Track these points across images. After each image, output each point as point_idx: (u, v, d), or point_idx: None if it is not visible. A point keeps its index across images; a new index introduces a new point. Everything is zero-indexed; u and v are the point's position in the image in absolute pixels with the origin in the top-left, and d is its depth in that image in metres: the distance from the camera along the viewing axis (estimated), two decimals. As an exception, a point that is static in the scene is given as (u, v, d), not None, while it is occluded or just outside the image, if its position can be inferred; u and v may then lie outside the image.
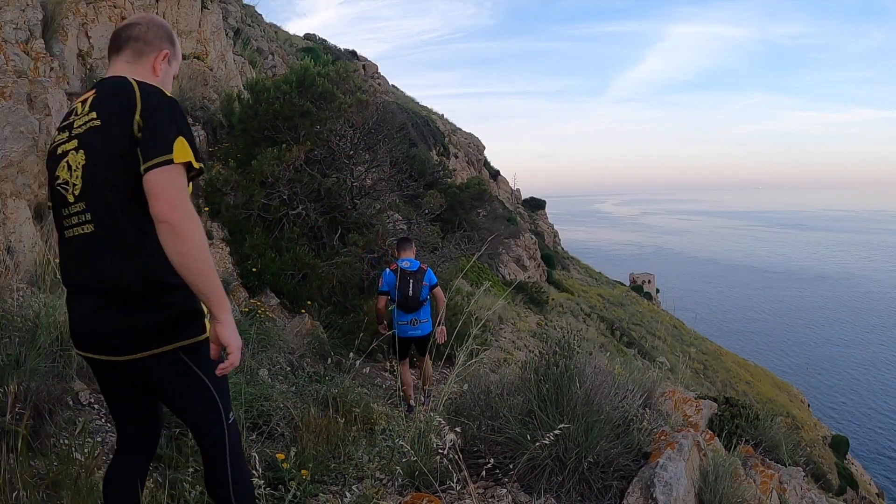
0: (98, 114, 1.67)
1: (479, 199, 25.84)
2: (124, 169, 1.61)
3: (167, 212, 1.53)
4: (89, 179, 1.65)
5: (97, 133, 1.65)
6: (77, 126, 1.70)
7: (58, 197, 1.73)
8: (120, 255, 1.63)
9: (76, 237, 1.69)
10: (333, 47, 34.83)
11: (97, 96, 1.73)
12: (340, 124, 8.21)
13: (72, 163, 1.68)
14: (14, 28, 5.50)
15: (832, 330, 61.24)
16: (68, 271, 1.76)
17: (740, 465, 3.32)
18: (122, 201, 1.63)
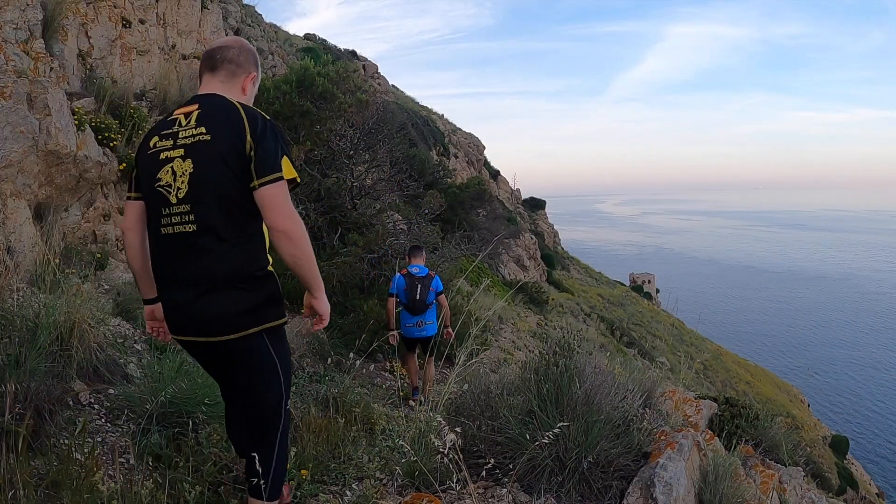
0: (207, 129, 1.91)
1: (479, 199, 25.84)
2: (231, 179, 1.87)
3: (282, 222, 1.83)
4: (195, 185, 1.89)
5: (206, 146, 1.89)
6: (183, 137, 1.94)
7: (157, 197, 1.94)
8: (217, 251, 1.88)
9: (176, 234, 1.92)
10: (333, 47, 34.83)
11: (202, 112, 1.96)
12: (340, 124, 8.21)
13: (177, 169, 1.92)
14: (14, 28, 5.50)
15: (832, 330, 61.24)
16: (165, 265, 1.98)
17: (740, 465, 3.32)
18: (225, 206, 1.88)
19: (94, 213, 5.60)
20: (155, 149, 1.98)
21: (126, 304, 4.65)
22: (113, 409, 3.07)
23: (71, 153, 4.85)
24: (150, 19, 7.92)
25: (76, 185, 5.21)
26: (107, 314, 3.96)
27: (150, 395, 2.97)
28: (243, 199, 1.88)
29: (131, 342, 4.13)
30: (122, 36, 7.31)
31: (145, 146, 2.03)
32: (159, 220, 1.95)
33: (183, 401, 2.98)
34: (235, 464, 2.74)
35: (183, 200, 1.90)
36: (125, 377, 3.44)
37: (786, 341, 56.21)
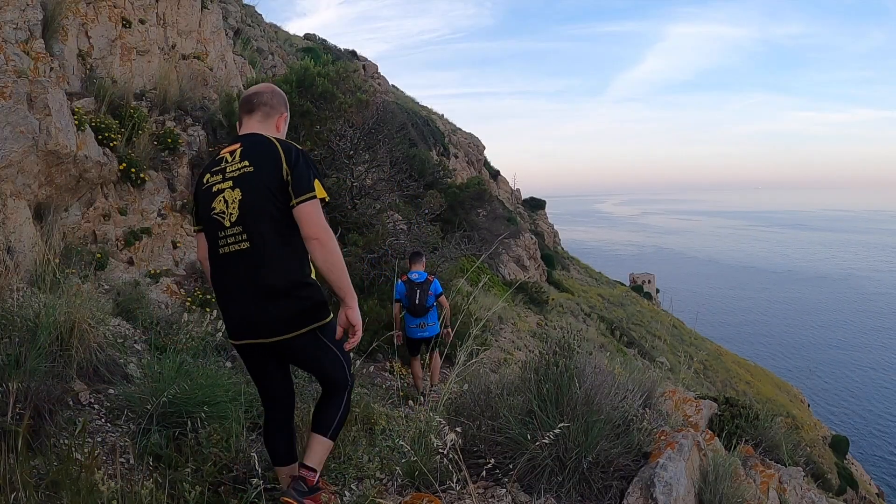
0: (250, 162, 2.27)
1: (479, 199, 25.84)
2: (273, 202, 2.21)
3: (316, 232, 2.17)
4: (245, 210, 2.24)
5: (251, 176, 2.25)
6: (230, 171, 2.30)
7: (214, 223, 2.31)
8: (270, 264, 2.21)
9: (233, 253, 2.27)
10: (333, 47, 34.83)
11: (244, 149, 2.33)
12: (340, 124, 8.21)
13: (227, 198, 2.27)
14: (14, 28, 5.50)
15: (832, 330, 61.24)
16: (224, 278, 2.32)
17: (740, 465, 3.32)
18: (271, 225, 2.22)
19: (94, 213, 5.60)
20: (208, 184, 2.37)
21: (126, 304, 4.65)
22: (113, 409, 3.07)
23: (71, 153, 4.85)
24: (150, 19, 7.92)
25: (76, 185, 5.21)
26: (107, 314, 3.97)
27: (150, 395, 2.97)
28: (285, 217, 2.22)
29: (131, 342, 4.13)
30: (122, 36, 7.31)
31: (200, 183, 2.42)
32: (217, 243, 2.32)
33: (183, 401, 2.98)
34: (235, 464, 2.74)
35: (235, 223, 2.25)
36: (125, 377, 3.44)
37: (786, 341, 56.20)
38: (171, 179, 6.77)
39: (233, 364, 4.35)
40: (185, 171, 7.01)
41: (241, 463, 2.73)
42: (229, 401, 3.16)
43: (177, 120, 7.45)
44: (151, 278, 5.68)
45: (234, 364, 4.37)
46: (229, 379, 3.57)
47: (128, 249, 5.84)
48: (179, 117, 7.53)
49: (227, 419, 2.96)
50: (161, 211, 6.41)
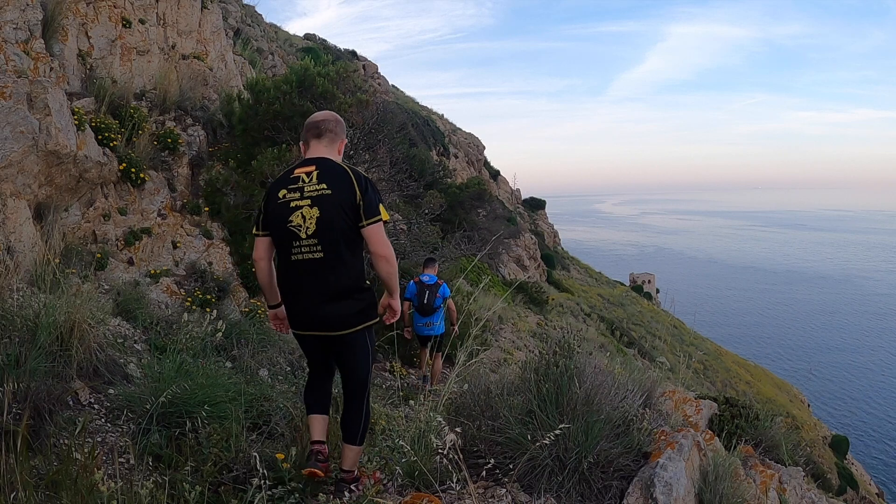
0: (328, 185, 2.66)
1: (479, 199, 25.84)
2: (346, 221, 2.62)
3: (382, 249, 2.63)
4: (321, 225, 2.62)
5: (329, 198, 2.64)
6: (308, 191, 2.67)
7: (289, 234, 2.67)
8: (338, 271, 2.65)
9: (306, 260, 2.66)
10: (333, 47, 34.83)
11: (320, 172, 2.70)
12: (340, 124, 8.21)
13: (306, 214, 2.65)
14: (14, 28, 5.51)
15: (832, 330, 61.24)
16: (295, 281, 2.71)
17: (740, 465, 3.32)
18: (343, 240, 2.64)
19: (94, 213, 5.60)
20: (284, 199, 2.70)
21: (126, 304, 4.65)
22: (113, 409, 3.07)
23: (71, 153, 4.85)
24: (150, 19, 7.92)
25: (76, 185, 5.21)
26: (107, 314, 3.97)
27: (150, 395, 2.97)
28: (353, 233, 2.65)
29: (131, 342, 4.13)
30: (122, 36, 7.31)
31: (274, 196, 2.74)
32: (290, 250, 2.68)
33: (183, 401, 2.98)
34: (235, 464, 2.74)
35: (311, 236, 2.63)
36: (125, 377, 3.44)
37: (786, 341, 56.20)
38: (171, 179, 6.78)
39: (233, 364, 4.35)
40: (185, 171, 7.00)
41: (241, 463, 2.73)
42: (229, 401, 3.16)
43: (177, 120, 7.45)
44: (151, 278, 5.68)
45: (234, 364, 4.37)
46: (229, 379, 3.57)
47: (128, 249, 5.84)
48: (179, 117, 7.53)
49: (227, 419, 2.96)
50: (161, 211, 6.41)
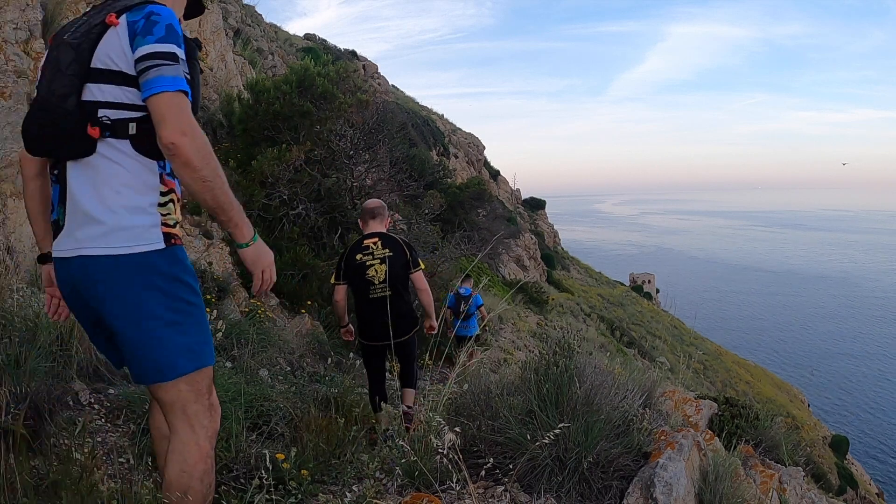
0: (390, 250, 4.15)
1: (479, 199, 25.85)
2: (403, 272, 4.16)
3: (425, 287, 4.24)
4: (389, 276, 4.09)
5: (391, 258, 4.13)
6: (378, 254, 4.13)
7: (366, 282, 4.13)
8: (399, 302, 4.16)
9: (379, 297, 4.08)
10: (333, 47, 34.83)
11: (382, 242, 4.18)
12: (340, 124, 8.21)
13: (378, 270, 4.11)
14: (14, 28, 5.51)
15: (832, 330, 61.25)
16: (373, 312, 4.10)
17: (740, 465, 3.33)
18: (400, 283, 4.17)
19: (94, 213, 5.61)
20: (361, 261, 4.14)
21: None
22: (113, 409, 3.08)
23: (71, 153, 4.85)
24: (150, 19, 7.93)
25: (76, 185, 5.21)
26: (107, 314, 3.96)
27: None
28: (406, 279, 4.20)
29: (131, 342, 4.13)
30: (122, 36, 7.32)
31: (352, 258, 4.17)
32: (368, 292, 4.13)
33: (183, 401, 2.98)
34: (235, 464, 2.74)
35: (382, 282, 4.09)
36: (125, 377, 3.44)
37: (785, 341, 56.22)
38: (171, 179, 6.78)
39: (233, 364, 4.36)
40: (185, 171, 7.01)
41: (241, 463, 2.73)
42: (229, 401, 3.16)
43: (177, 120, 7.45)
44: (151, 278, 5.68)
45: (234, 364, 4.37)
46: (229, 379, 3.57)
47: (128, 249, 5.84)
48: (179, 117, 7.54)
49: (227, 419, 2.96)
50: (161, 211, 6.42)
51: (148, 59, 1.57)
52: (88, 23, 1.66)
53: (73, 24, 1.72)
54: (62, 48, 1.63)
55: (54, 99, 1.62)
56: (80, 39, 1.63)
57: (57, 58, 1.64)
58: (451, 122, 44.24)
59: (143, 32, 1.59)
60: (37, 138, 1.71)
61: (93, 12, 1.70)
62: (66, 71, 1.61)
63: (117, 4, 1.67)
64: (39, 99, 1.67)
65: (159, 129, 1.56)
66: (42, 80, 1.68)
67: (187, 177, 1.59)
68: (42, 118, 1.66)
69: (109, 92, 1.62)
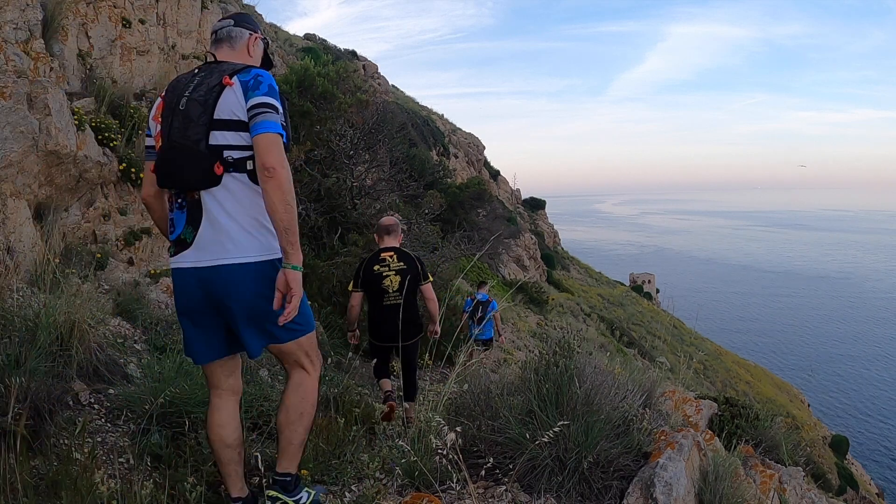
0: (404, 263, 4.59)
1: (479, 199, 25.86)
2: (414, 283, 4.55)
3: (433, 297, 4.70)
4: (401, 286, 4.52)
5: (405, 271, 4.55)
6: (393, 266, 4.57)
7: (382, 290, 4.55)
8: (410, 309, 4.61)
9: (393, 304, 4.55)
10: (333, 47, 34.83)
11: (397, 256, 4.63)
12: (340, 124, 8.21)
13: (393, 280, 4.55)
14: (14, 28, 5.51)
15: (832, 330, 61.24)
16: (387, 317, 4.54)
17: (740, 465, 3.32)
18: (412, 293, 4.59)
19: (94, 213, 5.60)
20: (378, 271, 4.58)
21: (126, 304, 4.65)
22: (113, 409, 3.07)
23: (71, 153, 4.85)
24: (150, 19, 7.92)
25: (76, 185, 5.21)
26: (107, 314, 3.97)
27: (150, 395, 2.97)
28: (416, 289, 4.62)
29: (131, 342, 4.13)
30: (122, 36, 7.31)
31: (370, 269, 4.60)
32: (382, 299, 4.58)
33: (183, 401, 2.98)
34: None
35: (396, 291, 4.55)
36: (125, 377, 3.44)
37: (786, 341, 56.20)
38: (171, 179, 6.78)
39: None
40: (185, 171, 7.01)
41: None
42: (229, 401, 3.16)
43: (177, 120, 7.45)
44: (151, 278, 5.68)
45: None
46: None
47: (128, 249, 5.84)
48: (179, 117, 7.54)
49: (227, 419, 2.96)
50: (161, 211, 6.41)
51: (257, 108, 2.04)
52: (207, 83, 2.10)
53: (187, 81, 2.16)
54: (191, 104, 2.08)
55: (190, 143, 2.06)
56: (205, 97, 2.07)
57: (188, 111, 2.08)
58: (451, 122, 44.24)
59: (252, 88, 2.07)
60: (171, 175, 2.11)
61: (204, 73, 2.16)
62: (198, 122, 2.06)
63: (225, 67, 2.16)
64: (175, 144, 2.09)
65: (262, 158, 2.00)
66: (171, 128, 2.10)
67: (276, 197, 1.99)
68: (180, 159, 2.08)
69: (230, 137, 2.07)
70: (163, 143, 2.13)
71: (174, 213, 2.18)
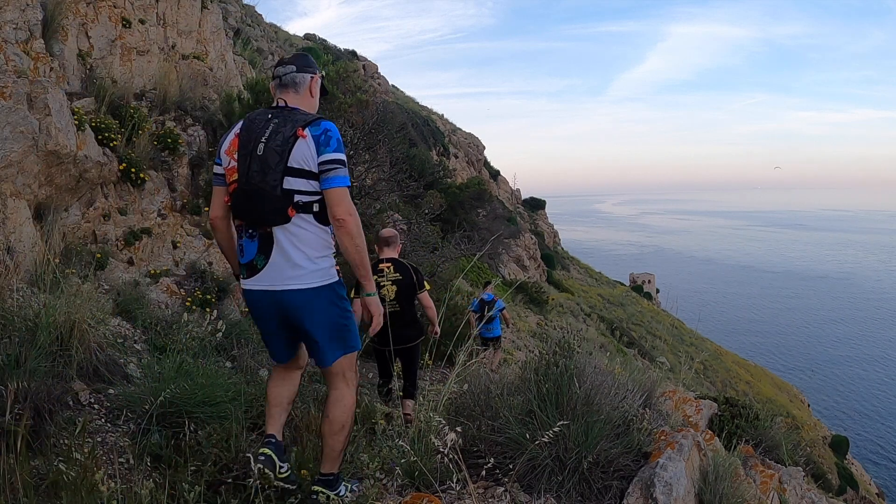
0: (400, 274, 4.80)
1: (479, 199, 25.85)
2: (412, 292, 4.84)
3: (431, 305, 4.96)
4: (399, 294, 4.76)
5: (401, 281, 4.79)
6: (390, 276, 4.75)
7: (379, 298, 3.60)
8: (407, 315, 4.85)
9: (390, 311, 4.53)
10: (333, 47, 34.84)
11: (394, 266, 4.82)
12: (340, 124, 8.20)
13: (389, 290, 4.71)
14: (14, 28, 5.51)
15: (832, 330, 61.23)
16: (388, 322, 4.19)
17: (740, 465, 3.32)
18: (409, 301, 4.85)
19: (94, 213, 5.60)
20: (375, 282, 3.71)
21: (126, 304, 4.65)
22: (113, 409, 3.07)
23: (71, 153, 4.85)
24: (150, 19, 7.92)
25: (76, 185, 5.21)
26: (107, 314, 3.97)
27: (150, 395, 2.97)
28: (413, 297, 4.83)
29: (131, 342, 4.13)
30: (122, 36, 7.31)
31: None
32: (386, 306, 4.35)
33: (183, 401, 2.98)
34: (235, 464, 2.74)
35: (393, 299, 4.71)
36: (125, 377, 3.44)
37: (786, 341, 56.17)
38: (171, 179, 6.77)
39: (233, 364, 4.36)
40: (185, 171, 7.00)
41: (241, 463, 2.73)
42: (229, 401, 3.16)
43: (177, 120, 7.44)
44: (151, 278, 5.68)
45: (234, 364, 4.37)
46: (229, 379, 3.57)
47: (128, 249, 5.84)
48: (179, 117, 7.53)
49: (227, 419, 2.96)
50: (161, 211, 6.41)
51: (328, 164, 2.41)
52: (283, 133, 2.42)
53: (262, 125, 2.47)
54: (269, 152, 2.40)
55: (268, 188, 2.40)
56: (282, 147, 2.40)
57: (266, 158, 2.41)
58: (451, 122, 44.23)
59: (323, 144, 2.42)
60: (249, 211, 2.47)
61: (278, 119, 2.47)
62: (276, 169, 2.39)
63: (298, 118, 2.48)
64: (254, 186, 2.42)
65: (333, 209, 2.41)
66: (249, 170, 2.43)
67: (348, 242, 2.43)
68: (258, 199, 2.43)
69: (301, 183, 2.42)
70: (240, 181, 2.46)
71: (244, 240, 2.53)
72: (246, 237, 2.52)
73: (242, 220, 2.51)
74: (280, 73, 2.65)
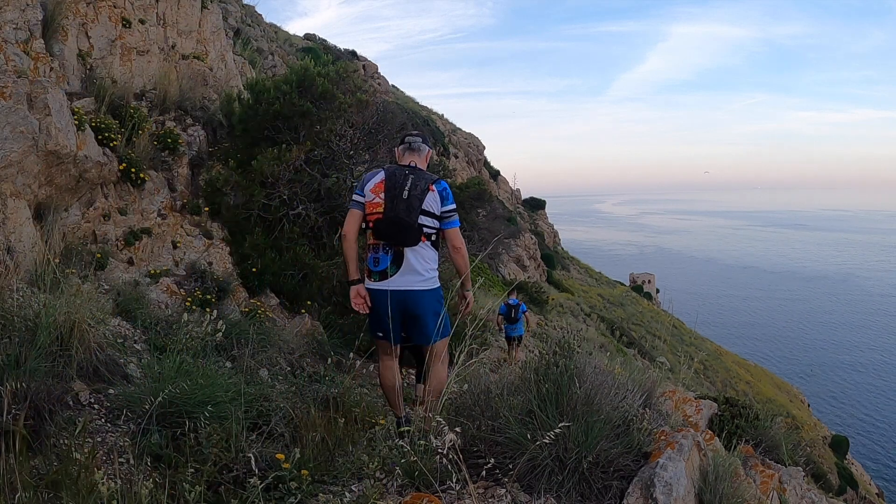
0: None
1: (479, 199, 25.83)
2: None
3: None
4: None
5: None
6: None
7: None
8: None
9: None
10: (333, 47, 34.84)
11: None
12: (340, 124, 8.20)
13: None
14: (14, 28, 5.51)
15: (832, 330, 61.22)
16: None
17: (740, 465, 3.32)
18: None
19: (94, 213, 5.60)
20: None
21: (126, 304, 4.64)
22: (113, 409, 3.07)
23: (71, 153, 4.85)
24: (150, 19, 7.92)
25: (76, 185, 5.21)
26: (107, 314, 3.96)
27: (150, 395, 2.96)
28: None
29: (131, 342, 4.13)
30: (122, 36, 7.31)
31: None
32: None
33: (183, 401, 2.98)
34: (235, 464, 2.73)
35: None
36: (125, 377, 3.44)
37: (786, 341, 56.17)
38: (171, 179, 6.77)
39: (233, 364, 4.35)
40: (185, 171, 7.00)
41: (241, 463, 2.72)
42: (229, 401, 3.15)
43: (177, 120, 7.45)
44: (151, 278, 5.68)
45: (234, 364, 4.37)
46: (229, 379, 3.56)
47: (128, 249, 5.84)
48: (179, 117, 7.53)
49: (227, 419, 2.96)
50: (161, 211, 6.41)
51: (449, 212, 3.60)
52: (420, 186, 3.51)
53: (403, 178, 3.54)
54: (412, 198, 3.48)
55: (410, 222, 3.47)
56: (420, 195, 3.49)
57: (410, 201, 3.48)
58: (451, 122, 44.23)
59: (444, 198, 3.58)
60: (394, 237, 3.52)
61: (414, 176, 3.55)
62: (416, 209, 3.48)
63: (427, 176, 3.60)
64: (401, 219, 3.47)
65: (452, 241, 3.63)
66: (397, 208, 3.48)
67: (460, 262, 3.67)
68: (402, 229, 3.49)
69: (428, 220, 3.54)
70: (387, 213, 3.48)
71: (380, 254, 3.55)
72: (382, 252, 3.54)
73: (384, 240, 3.52)
74: (411, 141, 3.76)
